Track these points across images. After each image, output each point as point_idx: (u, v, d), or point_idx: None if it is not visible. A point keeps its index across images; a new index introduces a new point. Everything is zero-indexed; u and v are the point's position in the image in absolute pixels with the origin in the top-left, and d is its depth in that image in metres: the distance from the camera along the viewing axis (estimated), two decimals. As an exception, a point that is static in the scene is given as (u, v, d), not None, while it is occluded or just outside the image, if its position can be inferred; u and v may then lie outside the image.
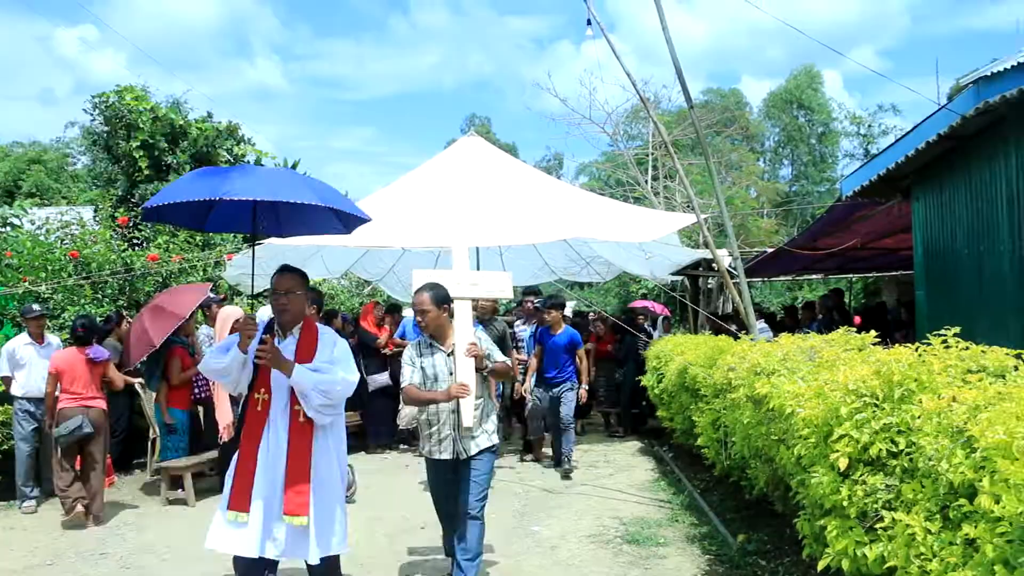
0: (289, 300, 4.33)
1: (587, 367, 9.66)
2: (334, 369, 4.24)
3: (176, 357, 8.10)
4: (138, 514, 7.46)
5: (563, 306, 9.40)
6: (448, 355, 4.92)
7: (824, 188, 43.60)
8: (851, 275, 17.79)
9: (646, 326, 12.85)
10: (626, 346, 12.04)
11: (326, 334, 4.42)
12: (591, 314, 15.61)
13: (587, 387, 9.55)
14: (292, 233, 5.27)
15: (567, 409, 9.00)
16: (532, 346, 9.74)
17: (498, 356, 5.04)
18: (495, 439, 5.01)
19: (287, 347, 4.27)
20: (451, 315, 4.99)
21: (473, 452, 4.86)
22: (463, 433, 4.82)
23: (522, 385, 9.74)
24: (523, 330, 10.54)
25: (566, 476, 8.63)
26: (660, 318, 13.57)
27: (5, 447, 7.88)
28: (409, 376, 4.94)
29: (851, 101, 79.07)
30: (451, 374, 4.85)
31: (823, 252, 11.16)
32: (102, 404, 7.23)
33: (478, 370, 4.85)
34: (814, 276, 17.58)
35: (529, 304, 10.55)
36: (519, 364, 9.57)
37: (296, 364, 4.16)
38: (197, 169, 5.67)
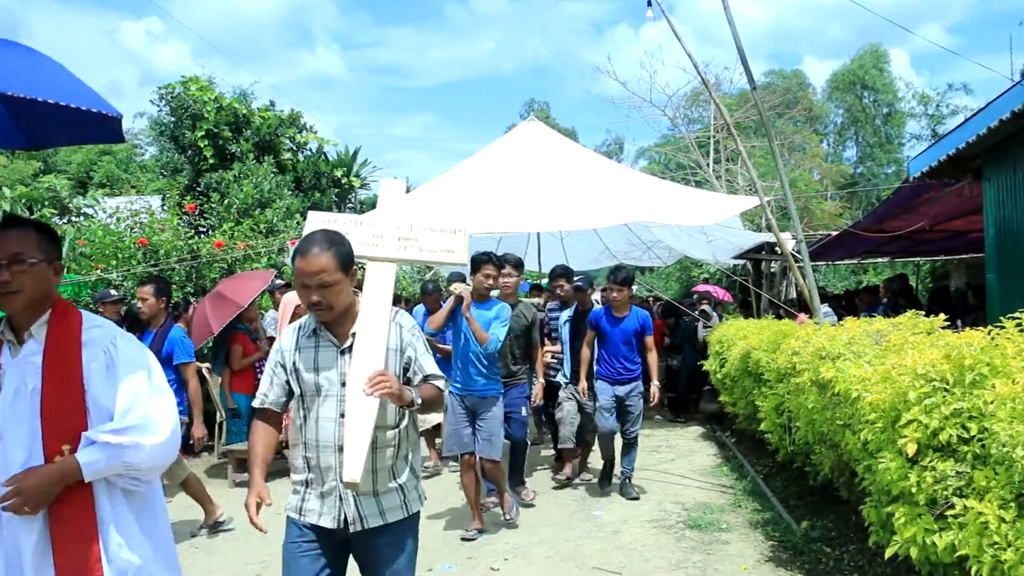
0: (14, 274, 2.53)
1: (656, 359, 7.44)
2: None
3: (237, 343, 8.28)
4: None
5: (631, 281, 7.30)
6: (341, 353, 2.94)
7: (891, 170, 42.64)
8: (918, 258, 17.36)
9: (706, 310, 12.73)
10: (682, 331, 11.95)
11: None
12: (649, 299, 15.54)
13: (657, 383, 7.33)
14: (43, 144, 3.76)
15: (635, 422, 7.17)
16: (566, 335, 7.80)
17: (428, 368, 3.06)
18: (415, 504, 3.10)
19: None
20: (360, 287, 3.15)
21: (374, 524, 2.95)
22: (358, 491, 2.87)
23: (561, 382, 7.84)
24: (556, 315, 8.26)
25: (633, 499, 7.02)
26: (713, 303, 13.41)
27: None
28: (264, 391, 3.01)
29: (919, 80, 76.85)
30: (343, 385, 2.89)
31: (889, 235, 10.90)
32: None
33: (402, 405, 2.92)
34: (879, 259, 17.20)
35: (558, 287, 8.26)
36: (552, 358, 7.99)
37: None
38: None
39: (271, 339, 8.93)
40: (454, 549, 5.79)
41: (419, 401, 2.91)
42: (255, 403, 3.03)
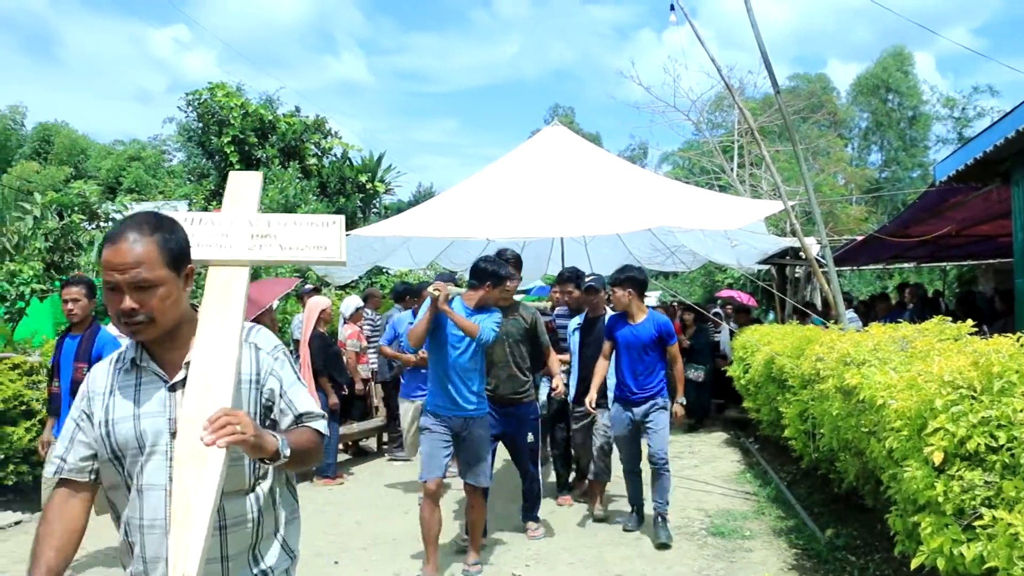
0: None
1: (682, 371, 6.38)
2: None
3: None
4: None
5: (637, 283, 6.17)
6: (171, 389, 2.09)
7: (916, 174, 42.23)
8: (945, 263, 17.18)
9: (719, 313, 12.64)
10: (705, 335, 11.90)
11: None
12: (674, 304, 15.45)
13: (683, 399, 6.27)
14: None
15: (659, 441, 6.00)
16: (575, 344, 6.85)
17: (301, 404, 2.21)
18: None
19: None
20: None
21: None
22: None
23: (571, 396, 6.76)
24: (565, 323, 7.22)
25: (663, 546, 5.79)
26: (736, 308, 13.31)
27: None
28: (60, 454, 2.14)
29: (944, 83, 76.19)
30: (173, 436, 2.02)
31: (915, 239, 10.79)
32: None
33: (262, 459, 2.00)
34: (906, 264, 17.03)
35: (566, 293, 7.32)
36: (562, 368, 6.63)
37: None
38: None
39: (296, 342, 8.97)
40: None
41: (287, 452, 1.99)
42: (46, 471, 2.07)
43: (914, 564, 3.23)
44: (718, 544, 5.85)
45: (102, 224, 11.11)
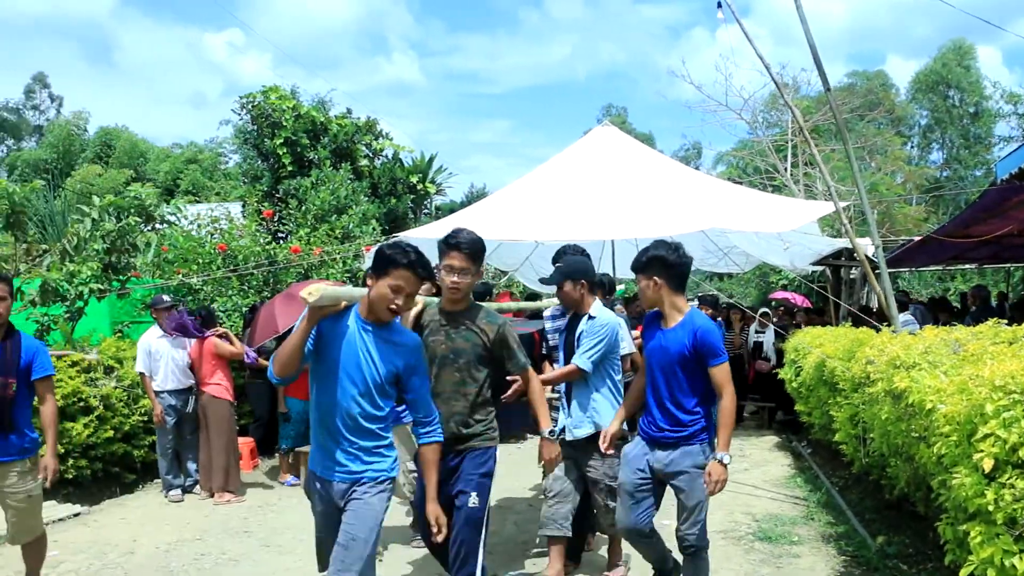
0: None
1: (731, 408, 4.11)
2: None
3: None
4: (279, 495, 7.84)
5: (671, 269, 4.17)
6: None
7: (979, 172, 41.13)
8: (1009, 264, 16.73)
9: (767, 312, 12.45)
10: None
11: None
12: (723, 305, 15.27)
13: (727, 457, 4.09)
14: None
15: (691, 518, 4.25)
16: (562, 355, 5.02)
17: None
18: None
19: None
20: None
21: None
22: None
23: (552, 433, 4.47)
24: (558, 326, 5.45)
25: None
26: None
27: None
28: None
29: (1010, 78, 73.96)
30: None
31: (975, 240, 10.52)
32: (213, 389, 7.65)
33: None
34: (967, 266, 16.63)
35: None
36: (554, 391, 5.44)
37: None
38: None
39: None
40: (514, 558, 5.76)
41: None
42: None
43: (963, 574, 3.15)
44: (765, 549, 5.77)
45: (157, 226, 11.38)
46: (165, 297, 8.12)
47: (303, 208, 15.56)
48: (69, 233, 9.39)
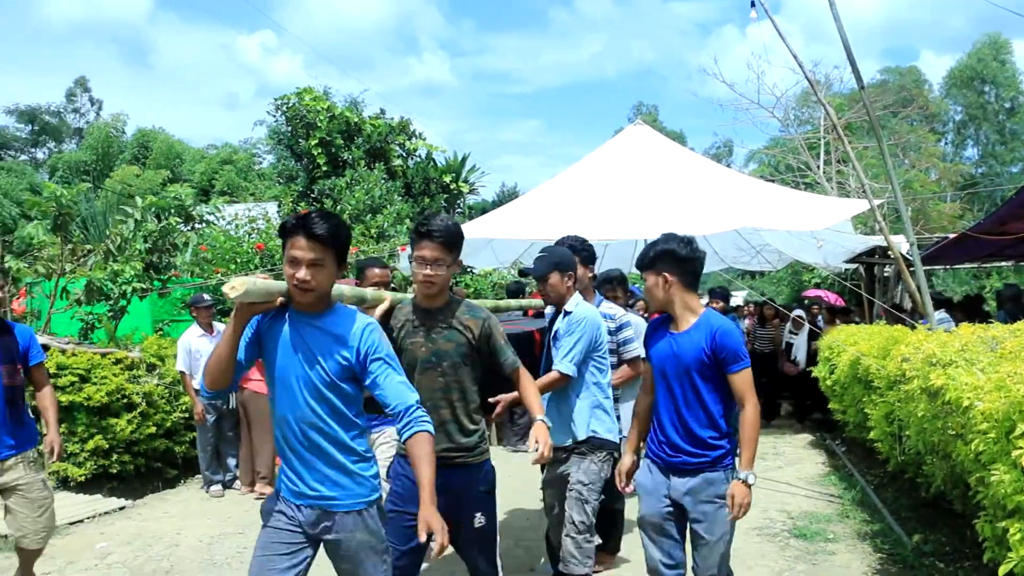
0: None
1: (755, 421, 3.57)
2: None
3: None
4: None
5: (682, 264, 3.65)
6: None
7: (1016, 168, 40.56)
8: (1047, 262, 16.50)
9: (801, 315, 12.41)
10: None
11: None
12: (748, 306, 15.23)
13: (752, 476, 3.60)
14: None
15: (710, 558, 3.65)
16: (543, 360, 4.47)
17: None
18: None
19: None
20: None
21: None
22: None
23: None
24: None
25: None
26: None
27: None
28: None
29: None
30: None
31: (1011, 237, 10.42)
32: (253, 385, 7.72)
33: None
34: (1003, 263, 16.42)
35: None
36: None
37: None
38: None
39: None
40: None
41: None
42: None
43: (1002, 572, 3.17)
44: (800, 546, 5.79)
45: (196, 226, 11.58)
46: (205, 296, 8.23)
47: (338, 208, 15.74)
48: (113, 233, 9.59)
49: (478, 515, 3.59)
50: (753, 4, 7.75)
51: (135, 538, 6.37)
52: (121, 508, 7.25)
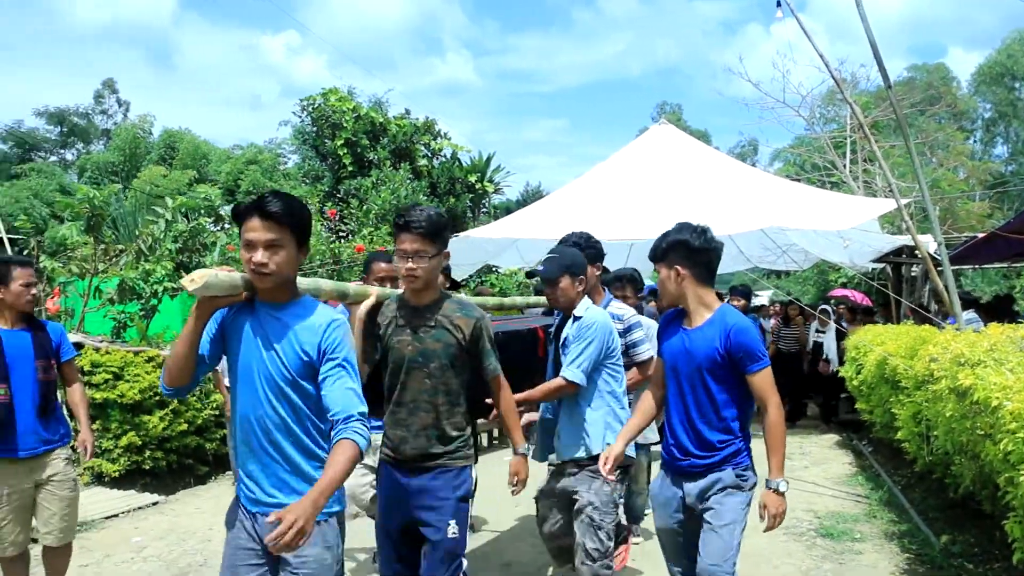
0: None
1: (779, 425, 3.33)
2: None
3: None
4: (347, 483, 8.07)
5: (696, 255, 3.48)
6: None
7: (1048, 166, 40.04)
8: (1078, 261, 16.31)
9: (829, 310, 12.37)
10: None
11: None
12: (773, 305, 15.16)
13: (783, 483, 3.35)
14: None
15: (716, 549, 3.33)
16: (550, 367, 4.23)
17: None
18: None
19: None
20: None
21: None
22: None
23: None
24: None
25: None
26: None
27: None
28: None
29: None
30: None
31: (1042, 237, 10.33)
32: None
33: None
34: (1033, 263, 16.28)
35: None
36: (525, 417, 4.33)
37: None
38: None
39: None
40: None
41: None
42: None
43: (1030, 569, 3.19)
44: (827, 545, 5.80)
45: (225, 226, 11.71)
46: None
47: (364, 208, 15.86)
48: (143, 234, 9.74)
49: (452, 523, 3.33)
50: (779, 4, 7.75)
51: (168, 533, 6.48)
52: (154, 504, 7.37)
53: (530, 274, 4.21)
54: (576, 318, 3.99)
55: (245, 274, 2.71)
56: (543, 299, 4.62)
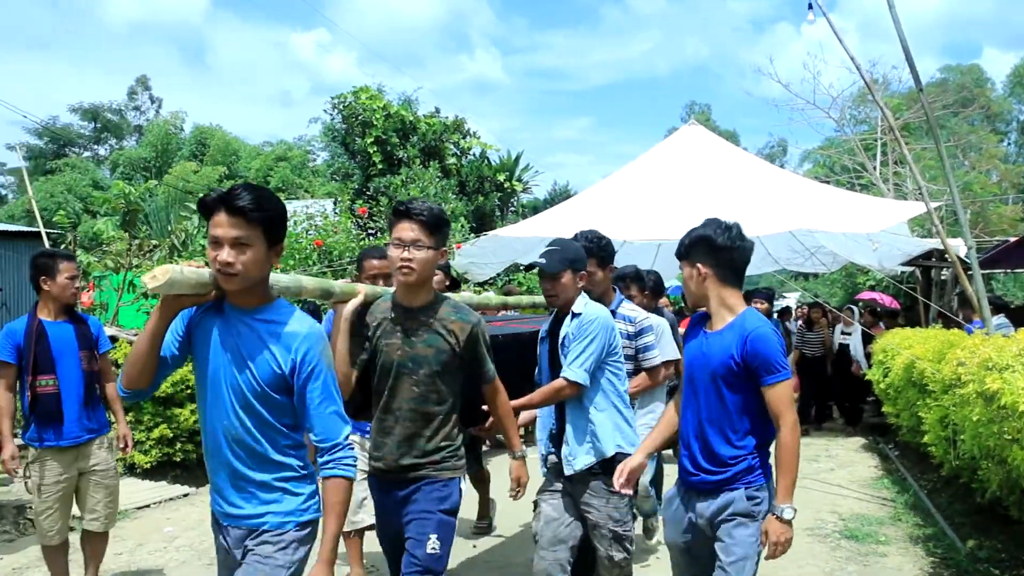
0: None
1: (792, 443, 2.99)
2: None
3: None
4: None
5: (721, 253, 3.20)
6: None
7: (1083, 170, 39.43)
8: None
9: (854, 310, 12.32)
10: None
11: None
12: (801, 308, 15.10)
13: (788, 510, 2.97)
14: None
15: (737, 566, 3.02)
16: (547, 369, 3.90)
17: None
18: None
19: None
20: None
21: None
22: None
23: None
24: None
25: None
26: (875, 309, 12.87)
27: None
28: None
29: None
30: None
31: (1074, 241, 10.24)
32: None
33: None
34: (1067, 268, 16.10)
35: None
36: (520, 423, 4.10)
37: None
38: None
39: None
40: None
41: None
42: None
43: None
44: (851, 547, 5.81)
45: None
46: None
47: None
48: (177, 229, 9.89)
49: (433, 538, 3.12)
50: (811, 6, 7.75)
51: (199, 523, 6.59)
52: (185, 495, 7.50)
53: (529, 267, 3.87)
54: (575, 315, 3.71)
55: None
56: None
